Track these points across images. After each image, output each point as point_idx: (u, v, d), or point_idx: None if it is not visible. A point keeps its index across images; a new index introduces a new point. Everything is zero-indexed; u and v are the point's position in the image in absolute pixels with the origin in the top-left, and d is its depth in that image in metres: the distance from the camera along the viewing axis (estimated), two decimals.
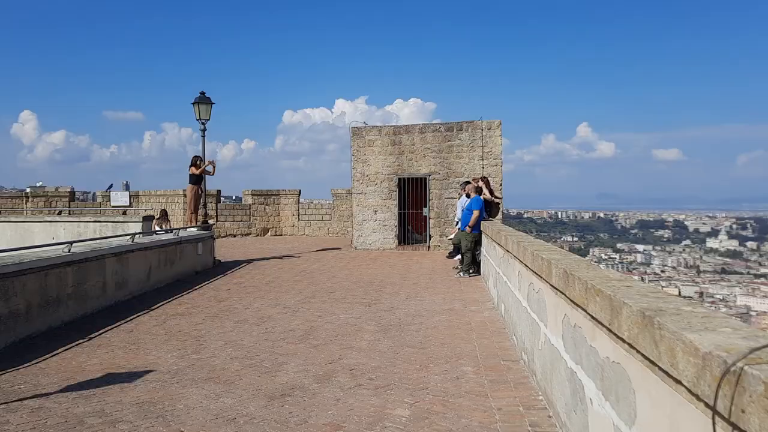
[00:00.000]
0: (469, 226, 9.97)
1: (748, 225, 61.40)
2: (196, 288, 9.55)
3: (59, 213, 17.25)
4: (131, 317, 7.34)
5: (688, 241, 60.56)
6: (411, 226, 15.89)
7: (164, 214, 14.56)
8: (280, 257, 14.06)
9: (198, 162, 12.71)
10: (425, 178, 15.17)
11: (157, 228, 13.76)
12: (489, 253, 8.63)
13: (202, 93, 12.38)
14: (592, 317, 2.67)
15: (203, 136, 12.51)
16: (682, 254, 56.37)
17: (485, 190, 10.89)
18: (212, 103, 12.44)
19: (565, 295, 3.19)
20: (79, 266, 7.34)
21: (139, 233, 10.68)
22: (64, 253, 7.08)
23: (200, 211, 12.53)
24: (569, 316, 3.17)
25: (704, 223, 64.16)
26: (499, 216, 12.29)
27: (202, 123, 12.42)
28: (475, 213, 9.88)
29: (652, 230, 65.57)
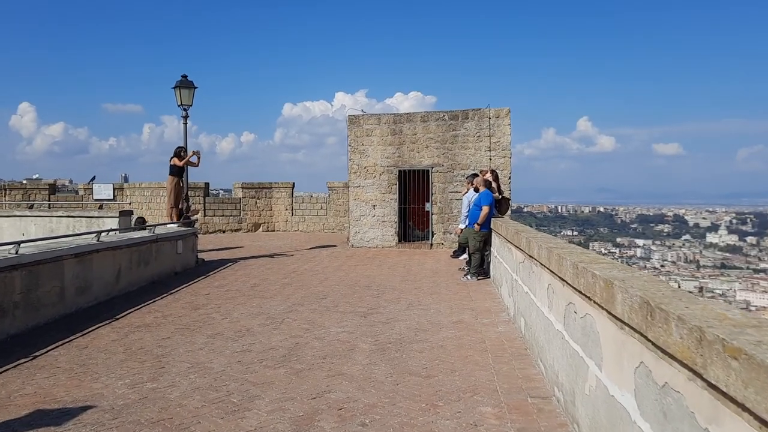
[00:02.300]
0: (478, 224, 8.94)
1: (748, 220, 61.13)
2: (172, 292, 8.54)
3: (31, 207, 16.18)
4: (90, 329, 6.34)
5: (687, 236, 60.19)
6: (412, 222, 14.85)
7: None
8: (270, 256, 13.04)
9: (182, 153, 11.68)
10: (428, 171, 14.10)
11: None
12: (502, 256, 7.62)
13: (184, 76, 11.32)
14: (713, 387, 1.66)
15: (185, 123, 11.47)
16: (682, 249, 55.99)
17: (493, 185, 9.86)
18: (195, 88, 11.38)
19: (645, 337, 2.18)
20: (29, 270, 6.32)
21: (115, 229, 9.69)
22: (10, 255, 6.07)
23: (182, 205, 11.51)
24: (652, 369, 2.16)
25: (704, 218, 63.88)
26: (508, 213, 11.27)
27: (184, 109, 11.38)
28: (485, 209, 8.85)
29: (651, 225, 65.15)
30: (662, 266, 51.37)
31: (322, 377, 4.55)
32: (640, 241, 58.73)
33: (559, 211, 74.39)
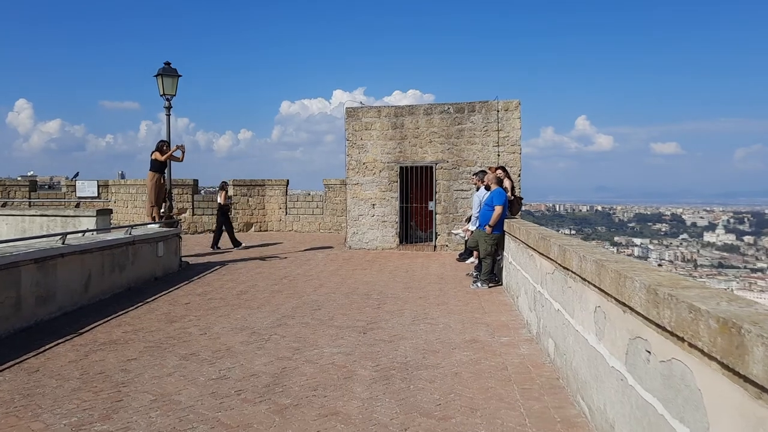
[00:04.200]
0: (490, 226, 8.08)
1: (746, 219, 61.07)
2: (149, 300, 7.67)
3: (3, 205, 15.27)
4: (46, 347, 5.47)
5: (685, 235, 59.99)
6: (414, 222, 13.98)
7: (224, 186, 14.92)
8: (261, 258, 12.16)
9: (164, 147, 10.80)
10: (431, 167, 13.22)
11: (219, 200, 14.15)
12: (520, 263, 6.75)
13: (167, 63, 10.42)
14: None
15: (168, 115, 10.56)
16: (680, 248, 55.79)
17: (506, 182, 9.00)
18: (179, 76, 10.47)
19: None
20: None
21: (87, 230, 8.80)
22: None
23: (163, 208, 10.61)
24: None
25: (701, 217, 63.77)
26: (519, 213, 10.40)
27: (167, 99, 10.47)
28: (498, 209, 7.99)
29: (649, 224, 64.98)
30: (660, 265, 50.99)
31: (312, 418, 3.69)
32: (637, 240, 58.50)
33: (557, 209, 74.06)
